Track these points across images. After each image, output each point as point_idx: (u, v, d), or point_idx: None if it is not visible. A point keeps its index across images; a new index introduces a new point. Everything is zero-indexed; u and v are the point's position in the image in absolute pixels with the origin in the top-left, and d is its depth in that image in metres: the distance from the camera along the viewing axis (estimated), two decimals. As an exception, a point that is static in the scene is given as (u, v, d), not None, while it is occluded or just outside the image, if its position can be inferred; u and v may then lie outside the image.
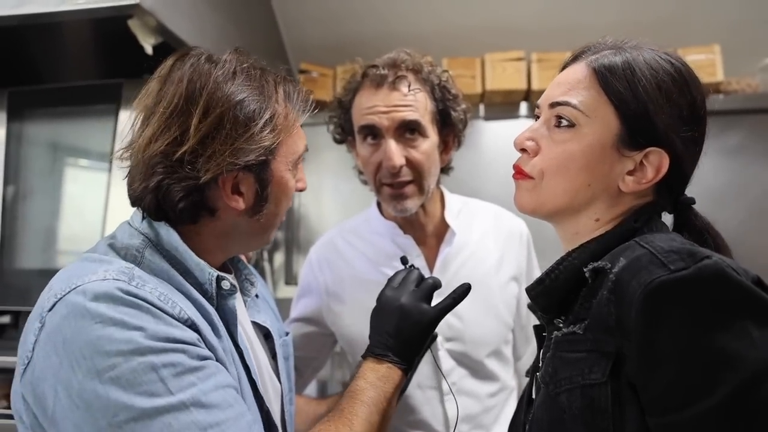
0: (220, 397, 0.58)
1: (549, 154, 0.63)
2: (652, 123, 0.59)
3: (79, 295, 0.57)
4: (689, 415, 0.47)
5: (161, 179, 0.63)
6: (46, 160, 1.89)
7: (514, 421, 0.75)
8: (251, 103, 0.65)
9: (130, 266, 0.62)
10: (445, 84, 1.01)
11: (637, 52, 0.61)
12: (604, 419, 0.53)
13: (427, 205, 1.06)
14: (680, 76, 0.61)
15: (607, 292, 0.54)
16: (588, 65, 0.63)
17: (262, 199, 0.69)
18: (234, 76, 0.66)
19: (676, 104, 0.60)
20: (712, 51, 1.75)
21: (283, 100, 0.70)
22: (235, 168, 0.64)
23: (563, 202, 0.63)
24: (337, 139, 1.09)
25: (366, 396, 0.73)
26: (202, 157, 0.63)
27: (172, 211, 0.65)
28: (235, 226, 0.70)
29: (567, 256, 0.63)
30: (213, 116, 0.63)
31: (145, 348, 0.55)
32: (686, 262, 0.49)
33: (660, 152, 0.60)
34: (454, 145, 1.06)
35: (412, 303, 0.81)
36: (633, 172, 0.62)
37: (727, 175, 1.79)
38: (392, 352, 0.79)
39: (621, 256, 0.56)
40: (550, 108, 0.65)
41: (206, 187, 0.65)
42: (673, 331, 0.48)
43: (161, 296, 0.60)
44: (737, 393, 0.45)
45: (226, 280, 0.68)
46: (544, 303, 0.65)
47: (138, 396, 0.54)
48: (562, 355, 0.59)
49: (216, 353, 0.63)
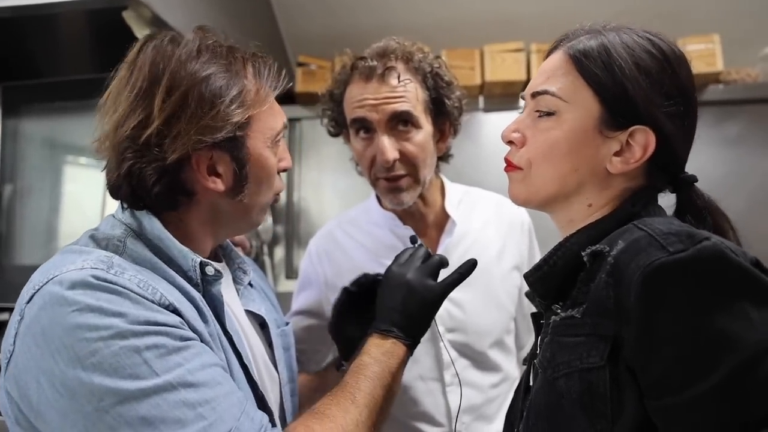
0: (207, 375, 0.58)
1: (534, 144, 0.64)
2: (632, 101, 0.60)
3: (55, 285, 0.56)
4: (688, 396, 0.47)
5: (132, 164, 0.63)
6: (43, 155, 1.88)
7: (512, 409, 0.75)
8: (217, 80, 0.64)
9: (110, 255, 0.62)
10: (437, 71, 0.99)
11: (614, 34, 0.62)
12: (602, 403, 0.53)
13: (427, 195, 1.05)
14: (660, 51, 0.61)
15: (605, 275, 0.55)
16: (565, 52, 0.64)
17: (242, 179, 0.68)
18: (198, 54, 0.65)
19: (656, 80, 0.60)
20: (711, 41, 1.74)
21: (253, 76, 0.69)
22: (203, 146, 0.63)
23: (553, 190, 0.64)
24: (331, 132, 1.08)
25: (370, 371, 0.73)
26: (168, 137, 0.62)
27: (147, 196, 0.64)
28: (219, 210, 0.69)
29: (564, 242, 0.63)
30: (176, 95, 0.62)
31: (127, 332, 0.54)
32: (685, 244, 0.49)
33: (645, 130, 0.60)
34: (450, 133, 1.05)
35: (418, 278, 0.81)
36: (620, 153, 0.62)
37: (727, 166, 1.78)
38: (397, 327, 0.78)
39: (619, 239, 0.56)
40: (532, 98, 0.66)
41: (179, 169, 0.64)
42: (672, 313, 0.48)
43: (141, 283, 0.59)
44: (736, 374, 0.45)
45: (209, 266, 0.67)
46: (543, 289, 0.65)
47: (122, 380, 0.53)
48: (560, 340, 0.59)
49: (202, 337, 0.62)
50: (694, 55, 1.77)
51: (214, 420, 0.55)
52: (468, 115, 1.92)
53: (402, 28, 2.08)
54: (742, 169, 1.78)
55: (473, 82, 1.83)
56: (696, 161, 2.10)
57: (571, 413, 0.55)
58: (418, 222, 1.06)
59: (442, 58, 1.84)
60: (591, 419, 0.54)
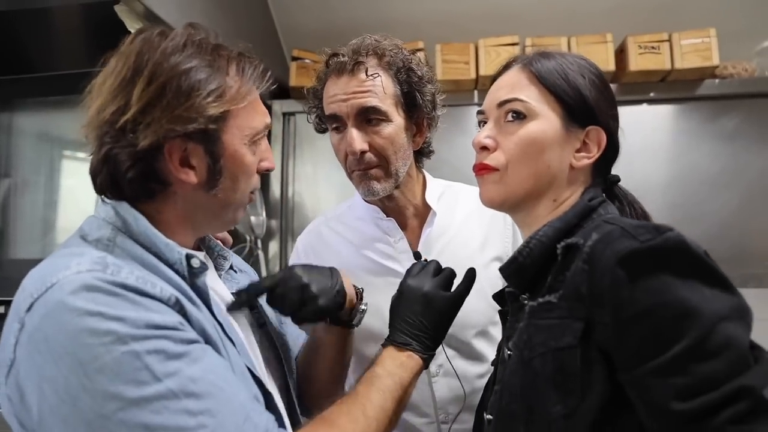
0: (209, 382, 0.58)
1: (509, 145, 0.71)
2: (587, 104, 0.71)
3: (56, 292, 0.56)
4: (658, 363, 0.54)
5: (109, 149, 0.64)
6: (37, 150, 1.88)
7: (482, 402, 0.80)
8: (197, 74, 0.65)
9: (103, 254, 0.62)
10: (410, 66, 1.00)
11: (560, 56, 0.74)
12: (573, 381, 0.59)
13: (406, 189, 1.06)
14: (596, 70, 0.75)
15: (581, 263, 0.61)
16: (523, 68, 0.74)
17: (216, 173, 0.69)
18: (183, 47, 0.66)
19: (600, 90, 0.73)
20: (708, 34, 1.74)
21: (236, 73, 0.69)
22: (174, 135, 0.64)
23: (529, 186, 0.71)
24: (317, 128, 1.10)
25: (382, 383, 0.74)
26: (142, 124, 0.63)
27: (122, 180, 0.65)
28: (194, 203, 0.70)
29: (534, 235, 0.70)
30: (155, 85, 0.63)
31: (127, 336, 0.54)
32: (652, 234, 0.57)
33: (598, 129, 0.71)
34: (426, 127, 1.06)
35: (434, 291, 0.83)
36: (580, 151, 0.72)
37: (723, 160, 1.78)
38: (416, 340, 0.80)
39: (593, 232, 0.63)
40: (498, 107, 0.73)
41: (153, 157, 0.65)
42: (643, 291, 0.55)
43: (139, 279, 0.59)
44: (698, 339, 0.53)
45: (195, 258, 0.68)
46: (517, 280, 0.72)
47: (124, 385, 0.53)
48: (537, 323, 0.65)
49: (203, 327, 0.63)
50: (690, 49, 1.76)
51: (215, 428, 0.55)
52: (462, 109, 1.94)
53: (397, 22, 2.09)
54: (739, 165, 1.78)
55: (468, 77, 1.83)
56: (692, 157, 2.10)
57: (544, 390, 0.61)
58: (400, 214, 1.08)
59: (437, 52, 1.87)
60: (562, 396, 0.60)
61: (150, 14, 1.29)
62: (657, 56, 1.74)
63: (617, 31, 1.79)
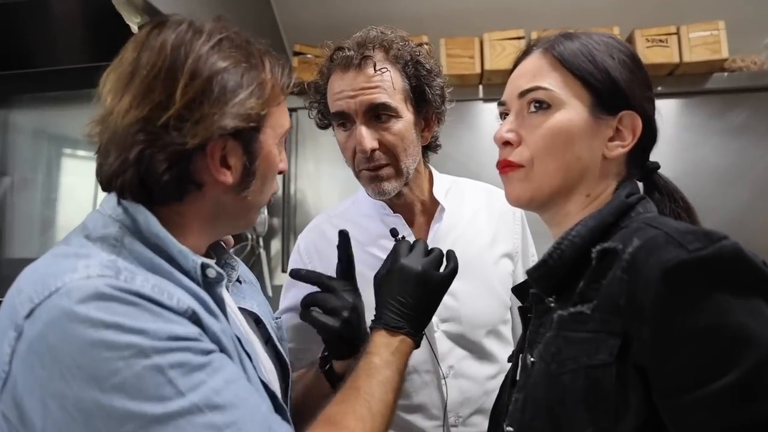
0: (232, 393, 0.55)
1: (534, 138, 0.66)
2: (618, 87, 0.64)
3: (63, 298, 0.51)
4: (703, 394, 0.47)
5: (143, 148, 0.59)
6: (35, 146, 1.86)
7: (497, 404, 0.75)
8: (239, 69, 0.63)
9: (113, 258, 0.58)
10: (418, 59, 0.97)
11: (585, 36, 0.67)
12: (607, 401, 0.53)
13: (414, 184, 1.04)
14: (627, 49, 0.67)
15: (620, 272, 0.54)
16: (545, 52, 0.67)
17: (250, 174, 0.66)
18: (220, 43, 0.63)
19: (632, 71, 0.66)
20: (716, 27, 1.71)
21: (269, 71, 0.67)
22: (225, 132, 0.61)
23: (558, 182, 0.65)
24: (319, 124, 1.07)
25: (382, 375, 0.72)
26: (188, 121, 0.59)
27: (156, 184, 0.60)
28: (221, 205, 0.67)
29: (566, 236, 0.63)
30: (200, 80, 0.60)
31: (149, 349, 0.51)
32: (703, 243, 0.50)
33: (632, 114, 0.65)
34: (434, 122, 1.03)
35: (428, 271, 0.81)
36: (613, 139, 0.65)
37: (732, 156, 1.75)
38: (408, 322, 0.77)
39: (634, 236, 0.56)
40: (519, 98, 0.67)
41: (193, 157, 0.61)
42: (690, 310, 0.49)
43: (154, 288, 0.56)
44: (753, 371, 0.46)
45: (211, 268, 0.64)
46: (547, 285, 0.65)
47: (147, 402, 0.50)
48: (567, 335, 0.59)
49: (220, 340, 0.60)
50: (698, 42, 1.73)
51: None
52: (467, 105, 1.91)
53: (400, 16, 2.06)
54: (747, 160, 1.74)
55: (473, 72, 1.80)
56: (700, 151, 2.06)
57: (574, 410, 0.55)
58: (407, 210, 1.05)
59: (441, 47, 1.85)
60: (593, 417, 0.54)
61: (149, 8, 1.27)
62: (665, 49, 1.72)
63: (624, 25, 1.76)
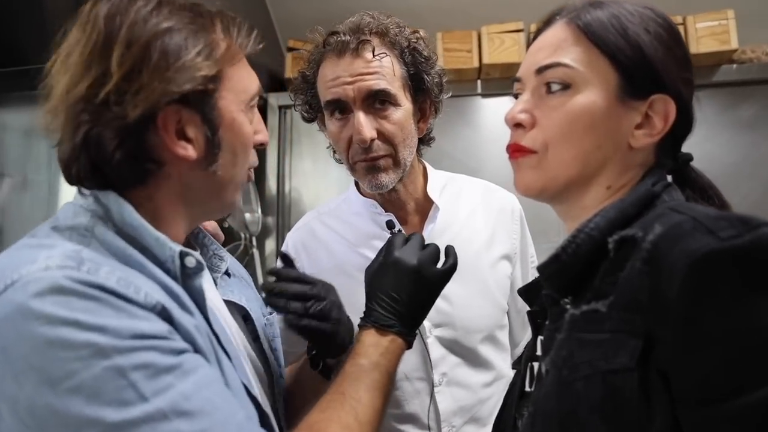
0: (203, 398, 0.51)
1: (549, 122, 0.59)
2: (651, 67, 0.56)
3: (18, 292, 0.48)
4: (732, 408, 0.41)
5: (88, 129, 0.56)
6: (36, 146, 1.84)
7: (501, 416, 0.69)
8: (181, 31, 0.58)
9: (78, 248, 0.54)
10: (415, 46, 0.93)
11: (615, 5, 0.59)
12: (628, 412, 0.46)
13: (408, 181, 0.99)
14: (664, 20, 0.59)
15: (640, 263, 0.48)
16: (569, 23, 0.59)
17: (215, 146, 0.62)
18: (159, 6, 0.59)
19: (668, 47, 0.58)
20: (725, 16, 1.65)
21: (222, 31, 0.63)
22: (167, 100, 0.57)
23: (575, 171, 0.58)
24: (305, 117, 1.03)
25: (370, 378, 0.67)
26: (128, 93, 0.55)
27: (108, 165, 0.57)
28: (191, 184, 0.63)
29: (583, 227, 0.56)
30: (137, 47, 0.56)
31: (109, 349, 0.47)
32: (738, 230, 0.43)
33: (665, 98, 0.57)
34: (431, 112, 0.99)
35: (427, 266, 0.76)
36: (641, 126, 0.58)
37: (742, 150, 1.70)
38: (400, 320, 0.73)
39: (655, 222, 0.49)
40: (537, 75, 0.60)
41: (144, 131, 0.58)
42: (722, 308, 0.42)
43: (120, 281, 0.52)
44: None
45: (190, 257, 0.60)
46: (560, 282, 0.58)
47: (105, 407, 0.46)
48: (581, 336, 0.53)
49: (193, 337, 0.56)
50: (706, 33, 1.67)
51: None
52: (465, 100, 1.87)
53: (396, 10, 2.00)
54: (757, 154, 1.69)
55: (470, 66, 1.76)
56: (708, 146, 2.00)
57: (588, 421, 0.49)
58: (399, 209, 1.01)
59: (438, 41, 1.80)
60: (612, 429, 0.47)
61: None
62: (670, 41, 1.66)
63: (628, 15, 1.71)
